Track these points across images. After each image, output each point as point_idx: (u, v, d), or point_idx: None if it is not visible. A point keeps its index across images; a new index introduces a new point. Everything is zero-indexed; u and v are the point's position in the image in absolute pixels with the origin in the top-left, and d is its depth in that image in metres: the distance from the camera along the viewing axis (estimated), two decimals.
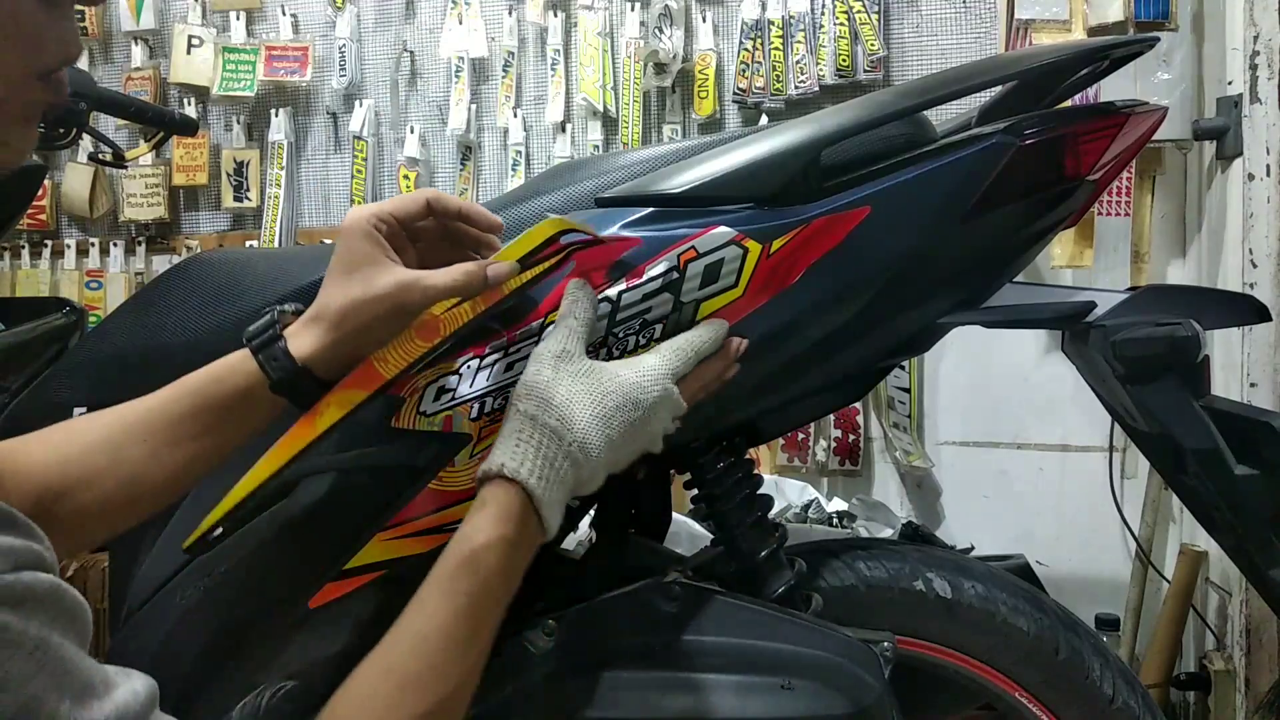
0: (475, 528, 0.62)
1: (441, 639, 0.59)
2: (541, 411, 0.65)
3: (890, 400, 2.10)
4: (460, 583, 0.60)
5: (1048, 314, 0.84)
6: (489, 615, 0.61)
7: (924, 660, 0.89)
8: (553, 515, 0.64)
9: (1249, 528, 0.75)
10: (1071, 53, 0.78)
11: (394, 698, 0.56)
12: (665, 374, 0.69)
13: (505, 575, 0.62)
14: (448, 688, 0.58)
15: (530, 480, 0.63)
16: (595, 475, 0.67)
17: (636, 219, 0.76)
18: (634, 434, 0.68)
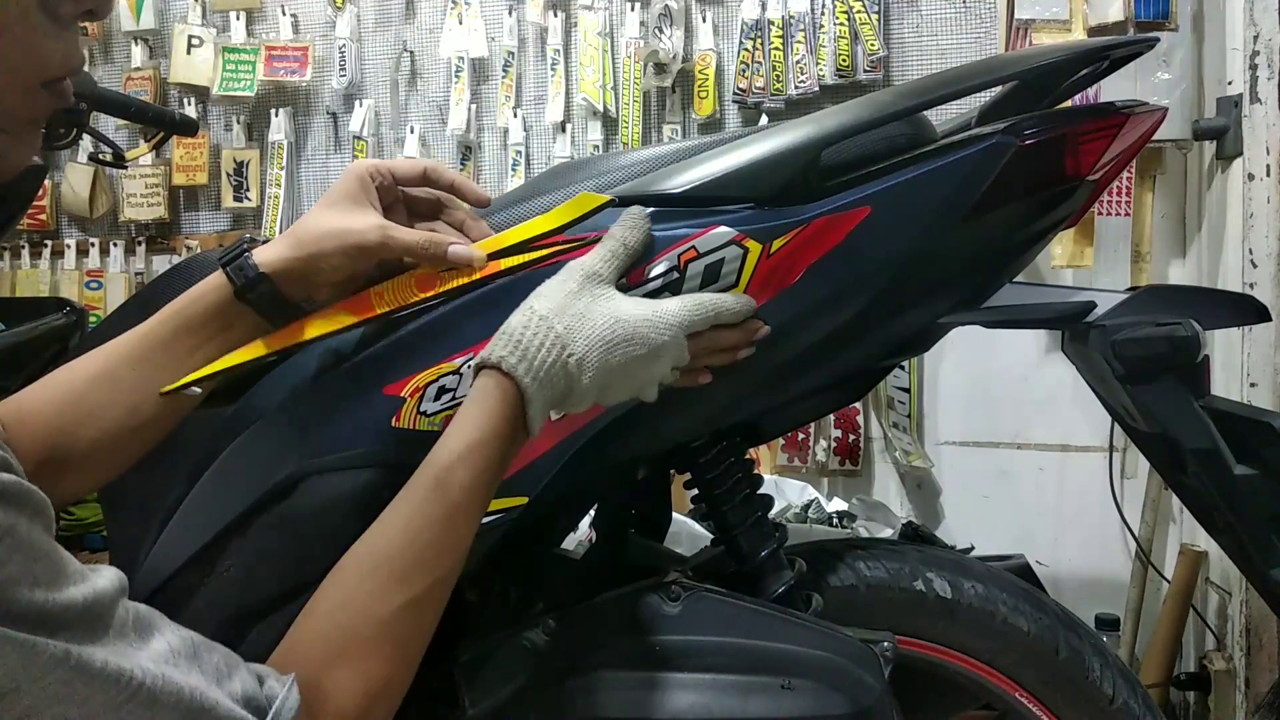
0: (472, 422, 0.63)
1: (432, 532, 0.60)
2: (554, 316, 0.66)
3: (890, 400, 2.10)
4: (455, 475, 0.61)
5: (1048, 314, 0.84)
6: (477, 508, 0.63)
7: (924, 660, 0.89)
8: (537, 418, 0.65)
9: (1249, 528, 0.75)
10: (1071, 53, 0.78)
11: (387, 585, 0.58)
12: (679, 322, 0.70)
13: (494, 470, 0.63)
14: (434, 577, 0.60)
15: (525, 379, 0.64)
16: (584, 397, 0.67)
17: None
18: (633, 370, 0.68)
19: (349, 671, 0.56)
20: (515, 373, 0.64)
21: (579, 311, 0.67)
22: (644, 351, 0.68)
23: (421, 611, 0.59)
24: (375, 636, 0.57)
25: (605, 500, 0.94)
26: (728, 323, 0.73)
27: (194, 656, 0.49)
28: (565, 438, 0.77)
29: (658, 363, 0.69)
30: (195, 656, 0.49)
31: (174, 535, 0.83)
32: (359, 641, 0.57)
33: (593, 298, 0.68)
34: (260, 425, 0.82)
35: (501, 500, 0.77)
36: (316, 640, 0.57)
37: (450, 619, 0.65)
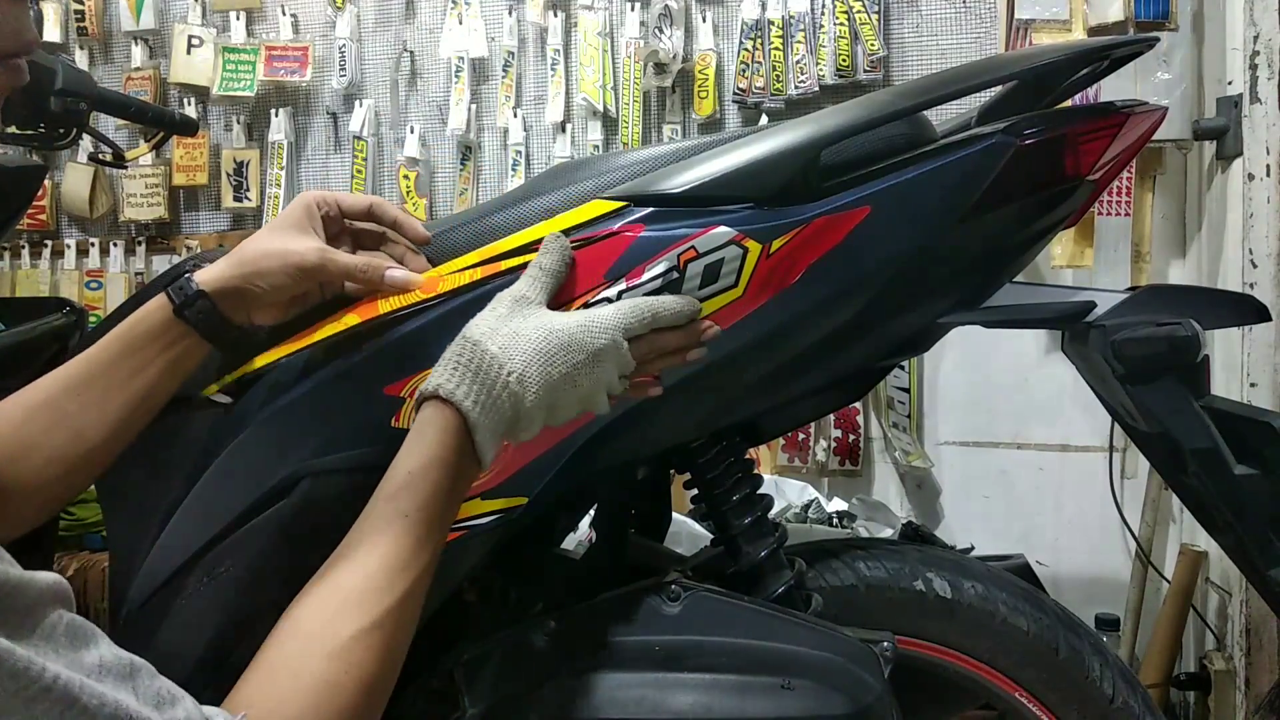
0: (411, 451, 0.63)
1: (381, 559, 0.59)
2: (485, 339, 0.66)
3: (890, 400, 2.10)
4: (399, 504, 0.61)
5: (1048, 314, 0.84)
6: (429, 534, 0.61)
7: (924, 660, 0.89)
8: (487, 445, 0.64)
9: (1249, 528, 0.75)
10: (1071, 53, 0.78)
11: (339, 612, 0.56)
12: (615, 326, 0.69)
13: (441, 498, 0.62)
14: (390, 600, 0.58)
15: (465, 403, 0.63)
16: (532, 417, 0.67)
17: (636, 219, 0.76)
18: (576, 379, 0.67)
19: (303, 704, 0.53)
20: (454, 398, 0.63)
21: (512, 331, 0.67)
22: (583, 357, 0.67)
23: (379, 639, 0.57)
24: (330, 668, 0.54)
25: (605, 500, 0.94)
26: (670, 325, 0.72)
27: (128, 677, 0.46)
28: (565, 438, 0.77)
29: (599, 367, 0.68)
30: (130, 677, 0.46)
31: (174, 535, 0.83)
32: (312, 674, 0.54)
33: (524, 317, 0.68)
34: (260, 426, 0.82)
35: (501, 500, 0.77)
36: (267, 675, 0.54)
37: (450, 619, 0.65)
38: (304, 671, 0.54)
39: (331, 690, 0.53)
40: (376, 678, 0.56)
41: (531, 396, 0.65)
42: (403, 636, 0.59)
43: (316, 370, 0.80)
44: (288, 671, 0.54)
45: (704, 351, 0.74)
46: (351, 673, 0.54)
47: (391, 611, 0.57)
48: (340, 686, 0.54)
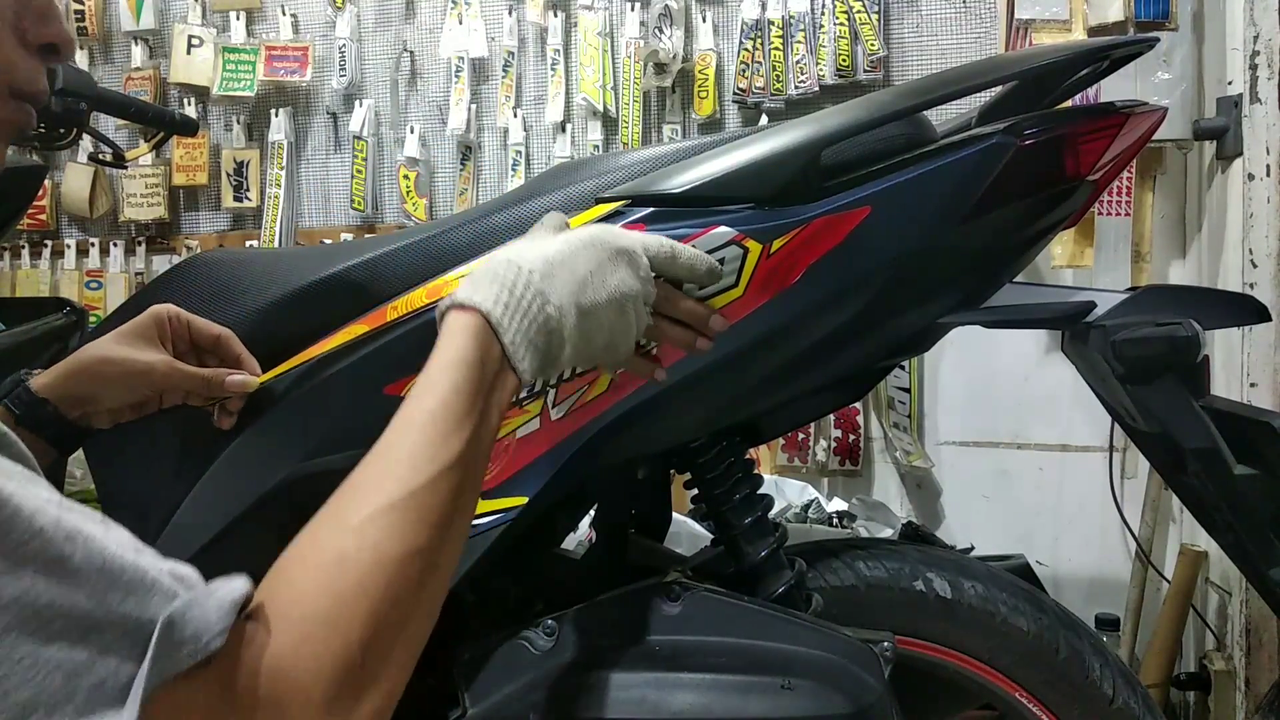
0: (431, 358, 0.59)
1: (402, 447, 0.55)
2: (501, 251, 0.65)
3: (890, 400, 2.10)
4: (420, 401, 0.57)
5: (1048, 314, 0.84)
6: (454, 429, 0.57)
7: (924, 660, 0.89)
8: (520, 347, 0.60)
9: (1249, 528, 0.75)
10: (1071, 53, 0.78)
11: (354, 495, 0.54)
12: (635, 238, 0.69)
13: (464, 395, 0.58)
14: (411, 485, 0.54)
15: (485, 304, 0.60)
16: (566, 321, 0.63)
17: (637, 219, 0.76)
18: (601, 277, 0.65)
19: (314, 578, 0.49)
20: (472, 301, 0.60)
21: (528, 243, 0.66)
22: (607, 254, 0.66)
23: (397, 519, 0.52)
24: (341, 542, 0.51)
25: (605, 500, 0.94)
26: (686, 275, 0.72)
27: (101, 521, 0.44)
28: (565, 437, 0.77)
29: (622, 270, 0.66)
30: (104, 523, 0.44)
31: (174, 535, 0.83)
32: (323, 550, 0.51)
33: (539, 239, 0.68)
34: (261, 426, 0.82)
35: (501, 500, 0.77)
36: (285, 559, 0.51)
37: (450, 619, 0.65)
38: (317, 549, 0.51)
39: (342, 563, 0.50)
40: (396, 556, 0.51)
41: (558, 294, 0.63)
42: (431, 521, 0.54)
43: (317, 371, 0.80)
44: (303, 552, 0.51)
45: (710, 343, 0.74)
46: (365, 548, 0.50)
47: (413, 494, 0.53)
48: (353, 561, 0.50)
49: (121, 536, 0.44)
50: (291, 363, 0.82)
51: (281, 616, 0.47)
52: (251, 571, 0.76)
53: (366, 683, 0.48)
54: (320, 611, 0.48)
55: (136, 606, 0.42)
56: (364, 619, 0.49)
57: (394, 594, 0.50)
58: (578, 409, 0.77)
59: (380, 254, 0.83)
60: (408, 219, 2.34)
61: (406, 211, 2.34)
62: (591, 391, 0.77)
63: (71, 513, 0.42)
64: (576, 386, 0.77)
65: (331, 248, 0.83)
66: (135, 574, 0.42)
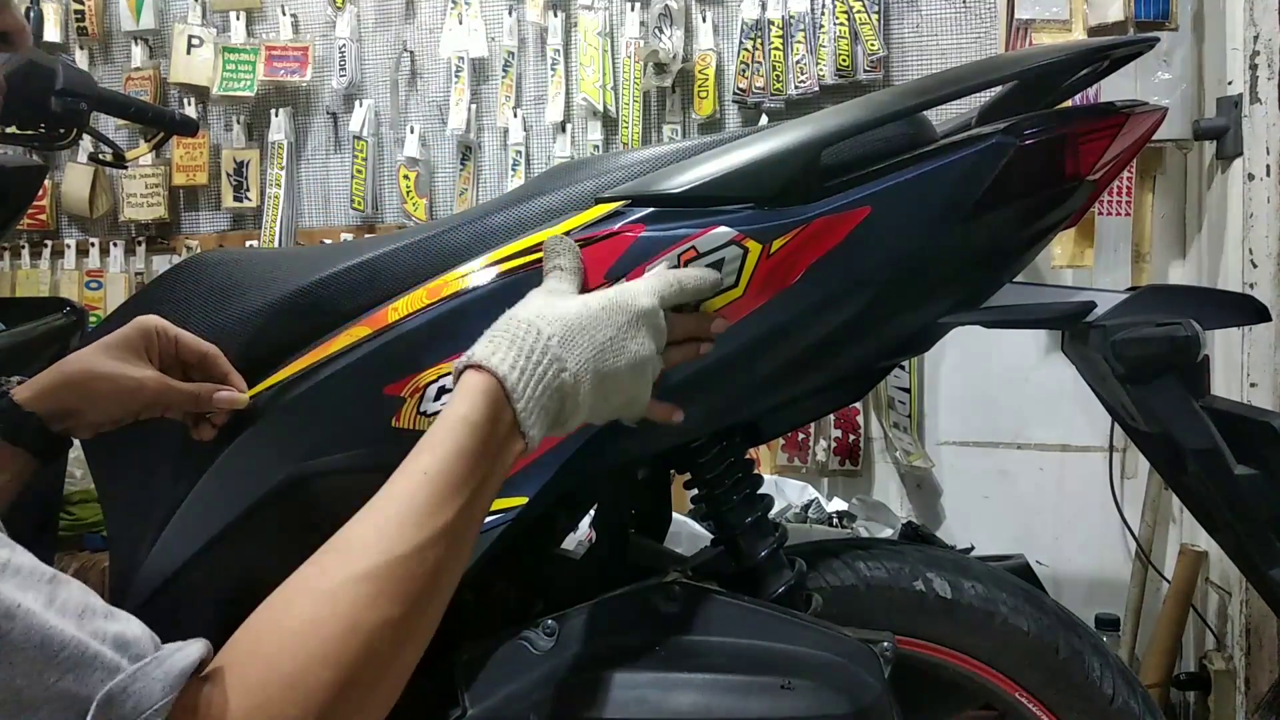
0: (440, 417, 0.59)
1: (394, 510, 0.55)
2: (521, 309, 0.65)
3: (890, 400, 2.10)
4: (419, 462, 0.57)
5: (1048, 314, 0.84)
6: (450, 495, 0.56)
7: (924, 660, 0.89)
8: (531, 416, 0.60)
9: (1249, 528, 0.75)
10: (1071, 53, 0.78)
11: (334, 559, 0.53)
12: (651, 290, 0.69)
13: (466, 459, 0.57)
14: (393, 554, 0.52)
15: (501, 367, 0.60)
16: (581, 389, 0.63)
17: (637, 219, 0.76)
18: (621, 343, 0.65)
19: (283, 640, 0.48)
20: (489, 363, 0.60)
21: (548, 303, 0.66)
22: (626, 319, 0.66)
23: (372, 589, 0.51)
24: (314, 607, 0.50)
25: (605, 500, 0.94)
26: (694, 297, 0.73)
27: (48, 582, 0.42)
28: (565, 438, 0.77)
29: (641, 333, 0.67)
30: (52, 583, 0.43)
31: (174, 535, 0.83)
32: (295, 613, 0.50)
33: (560, 297, 0.68)
34: (260, 426, 0.82)
35: (501, 500, 0.77)
36: (257, 616, 0.50)
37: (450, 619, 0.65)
38: (290, 611, 0.50)
39: (313, 627, 0.49)
40: (368, 626, 0.50)
41: (576, 362, 0.62)
42: (411, 592, 0.52)
43: (318, 371, 0.80)
44: (275, 612, 0.50)
45: (710, 345, 0.74)
46: (339, 614, 0.49)
47: (396, 563, 0.52)
48: (322, 624, 0.49)
49: (69, 599, 0.43)
50: (294, 367, 0.81)
51: (240, 680, 0.46)
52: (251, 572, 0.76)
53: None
54: (283, 676, 0.47)
55: (75, 683, 0.41)
56: (327, 687, 0.47)
57: (362, 664, 0.49)
58: None
59: (380, 254, 0.83)
60: (408, 219, 2.34)
61: (406, 211, 2.34)
62: None
63: (16, 576, 0.41)
64: None
65: (331, 248, 0.83)
66: (75, 649, 0.42)
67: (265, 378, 0.83)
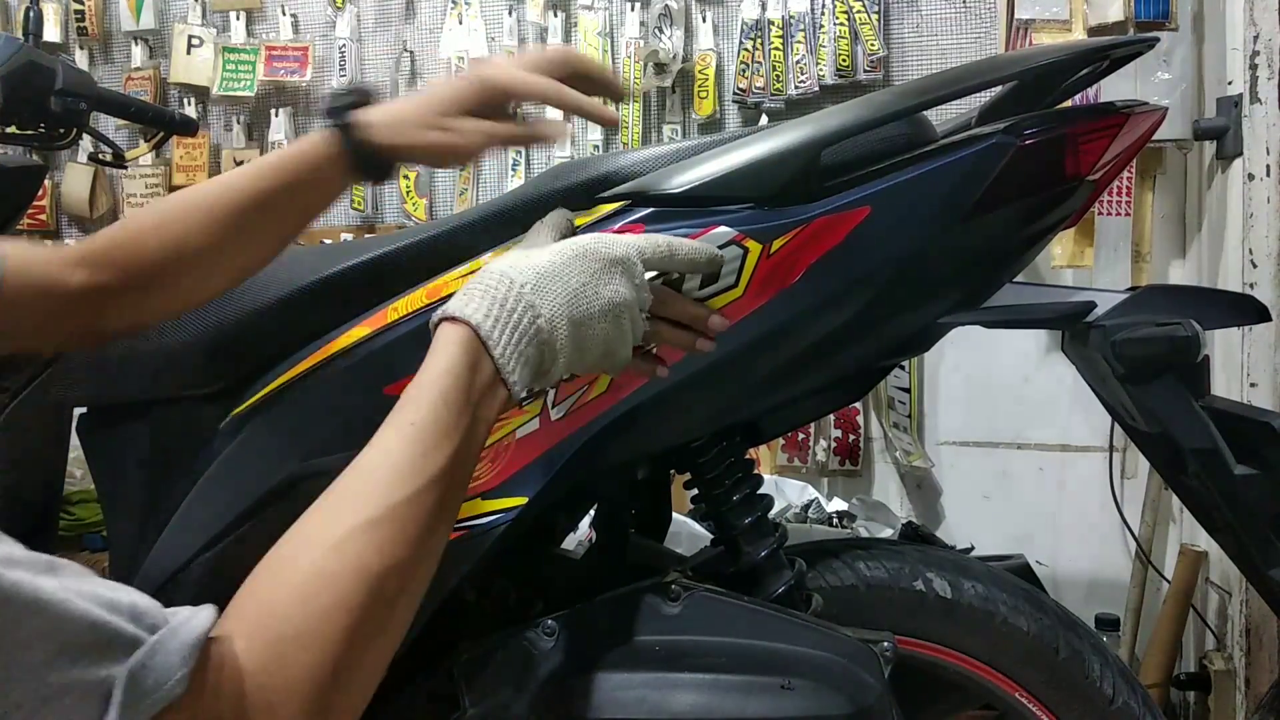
0: (423, 367, 0.60)
1: (386, 461, 0.55)
2: (496, 261, 0.65)
3: (890, 400, 2.10)
4: (405, 413, 0.57)
5: (1048, 314, 0.84)
6: (438, 443, 0.56)
7: (924, 660, 0.89)
8: (510, 361, 0.61)
9: (1249, 528, 0.75)
10: (1071, 53, 0.78)
11: (336, 510, 0.53)
12: (629, 244, 0.68)
13: (450, 407, 0.57)
14: (393, 500, 0.53)
15: (475, 316, 0.60)
16: (557, 333, 0.63)
17: (636, 219, 0.76)
18: (595, 289, 0.65)
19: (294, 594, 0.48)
20: (463, 314, 0.60)
21: (521, 253, 0.66)
22: (600, 264, 0.65)
23: (380, 534, 0.52)
24: (323, 559, 0.50)
25: (605, 500, 0.94)
26: (687, 268, 0.72)
27: (50, 569, 0.42)
28: (565, 437, 0.77)
29: (616, 280, 0.66)
30: (51, 569, 0.42)
31: (174, 535, 0.83)
32: (304, 566, 0.50)
33: (535, 247, 0.68)
34: (260, 426, 0.82)
35: (501, 500, 0.77)
36: (263, 573, 0.51)
37: (450, 619, 0.65)
38: (296, 565, 0.50)
39: (323, 579, 0.49)
40: (377, 572, 0.51)
41: (550, 307, 0.63)
42: (411, 536, 0.53)
43: (317, 371, 0.80)
44: (280, 567, 0.51)
45: (712, 344, 0.74)
46: (347, 563, 0.50)
47: (394, 509, 0.53)
48: (334, 576, 0.49)
49: (78, 585, 0.42)
50: (295, 367, 0.82)
51: (252, 638, 0.47)
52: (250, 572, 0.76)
53: (337, 698, 0.48)
54: (295, 629, 0.47)
55: (97, 663, 0.41)
56: (340, 635, 0.48)
57: (371, 609, 0.50)
58: (578, 409, 0.77)
59: (380, 254, 0.84)
60: (408, 219, 2.34)
61: (406, 211, 2.34)
62: (591, 392, 0.77)
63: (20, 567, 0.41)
64: (576, 387, 0.77)
65: (331, 248, 0.83)
66: (92, 628, 0.41)
67: (265, 378, 0.83)
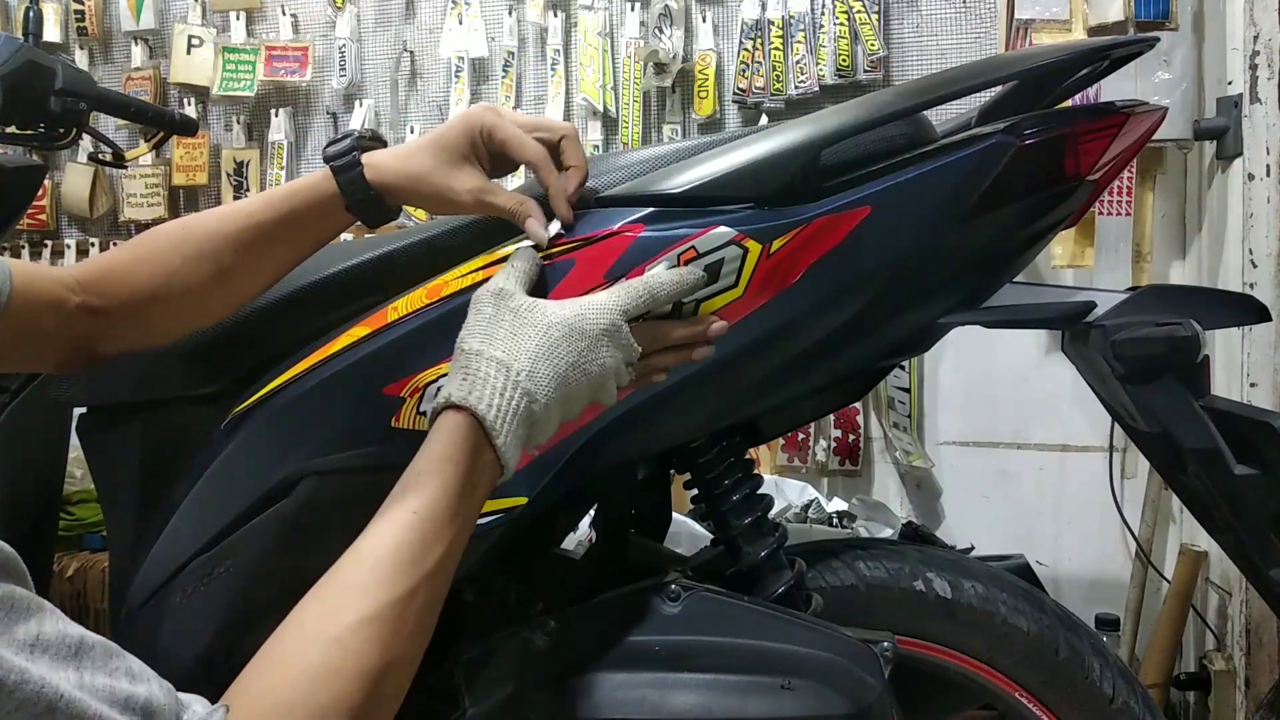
0: (422, 454, 0.62)
1: (385, 554, 0.57)
2: (486, 345, 0.65)
3: (890, 400, 2.10)
4: (407, 502, 0.60)
5: (1048, 314, 0.84)
6: (438, 533, 0.59)
7: (924, 660, 0.89)
8: (510, 449, 0.63)
9: (1249, 528, 0.75)
10: (1071, 53, 0.78)
11: (339, 603, 0.55)
12: (612, 308, 0.68)
13: (451, 497, 0.60)
14: (394, 594, 0.56)
15: (480, 406, 0.62)
16: (549, 413, 0.66)
17: (636, 219, 0.76)
18: (584, 367, 0.67)
19: (297, 690, 0.50)
20: (467, 403, 0.62)
21: (509, 332, 0.66)
22: (586, 344, 0.67)
23: (379, 630, 0.54)
24: (327, 655, 0.52)
25: (605, 500, 0.94)
26: (672, 299, 0.72)
27: (72, 656, 0.43)
28: (565, 438, 0.77)
29: (604, 352, 0.68)
30: (76, 657, 0.43)
31: (174, 535, 0.83)
32: (309, 660, 0.52)
33: (514, 314, 0.67)
34: (260, 426, 0.82)
35: (501, 500, 0.77)
36: (265, 664, 0.52)
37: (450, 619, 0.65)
38: (300, 659, 0.52)
39: (327, 676, 0.51)
40: (377, 669, 0.53)
41: (544, 392, 0.65)
42: (408, 632, 0.56)
43: (317, 371, 0.80)
44: (284, 659, 0.52)
45: (711, 350, 0.74)
46: (349, 660, 0.52)
47: (395, 605, 0.55)
48: (337, 672, 0.52)
49: (95, 678, 0.43)
50: (294, 367, 0.82)
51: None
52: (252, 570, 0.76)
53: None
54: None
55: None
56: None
57: (367, 706, 0.53)
58: None
59: (380, 254, 0.84)
60: (408, 219, 2.34)
61: (407, 211, 2.34)
62: None
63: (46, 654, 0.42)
64: None
65: (331, 248, 0.83)
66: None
67: (265, 378, 0.83)
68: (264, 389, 0.82)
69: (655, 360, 0.73)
